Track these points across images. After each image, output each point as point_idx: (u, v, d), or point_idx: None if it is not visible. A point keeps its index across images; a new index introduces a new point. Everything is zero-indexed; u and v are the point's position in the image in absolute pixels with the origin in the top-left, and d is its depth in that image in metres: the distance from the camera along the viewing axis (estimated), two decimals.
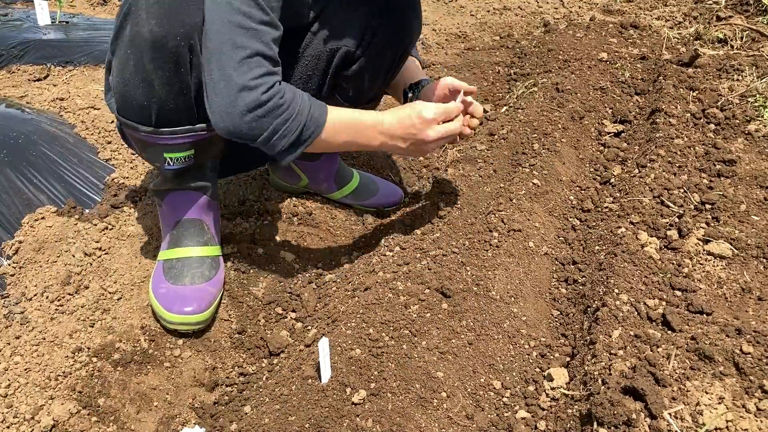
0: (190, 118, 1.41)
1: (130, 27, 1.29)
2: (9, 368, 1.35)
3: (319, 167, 1.88)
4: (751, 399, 1.07)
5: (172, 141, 1.41)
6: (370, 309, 1.38)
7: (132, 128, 1.40)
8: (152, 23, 1.26)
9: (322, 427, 1.13)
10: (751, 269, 1.47)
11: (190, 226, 1.54)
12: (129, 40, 1.30)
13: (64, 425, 1.27)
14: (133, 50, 1.30)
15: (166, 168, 1.46)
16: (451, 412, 1.18)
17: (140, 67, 1.31)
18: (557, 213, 1.81)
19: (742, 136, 2.00)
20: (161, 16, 1.26)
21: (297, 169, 1.90)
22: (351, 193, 1.95)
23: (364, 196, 1.96)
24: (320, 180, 1.91)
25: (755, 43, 2.75)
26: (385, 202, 1.98)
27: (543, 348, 1.38)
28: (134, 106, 1.36)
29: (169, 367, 1.43)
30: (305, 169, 1.90)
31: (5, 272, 1.58)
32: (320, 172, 1.89)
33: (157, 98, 1.34)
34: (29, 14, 3.19)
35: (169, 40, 1.28)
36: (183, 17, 1.28)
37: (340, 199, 1.96)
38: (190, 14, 1.28)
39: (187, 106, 1.38)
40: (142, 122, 1.38)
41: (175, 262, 1.52)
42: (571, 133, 2.15)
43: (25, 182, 1.77)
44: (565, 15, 3.66)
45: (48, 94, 2.31)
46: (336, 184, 1.93)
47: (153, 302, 1.47)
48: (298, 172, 1.91)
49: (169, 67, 1.31)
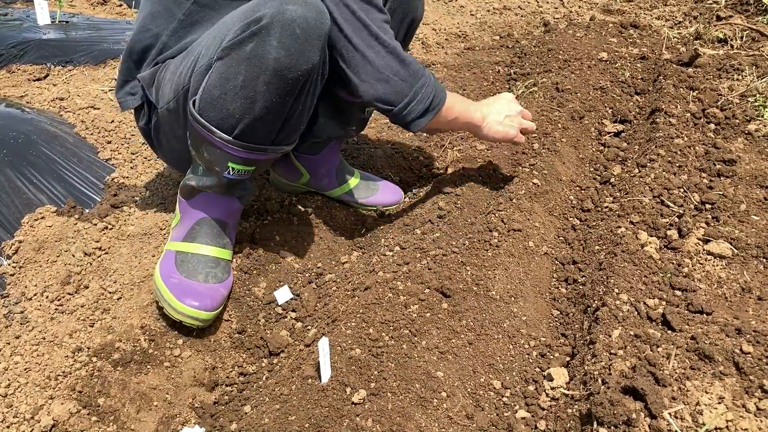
0: (269, 139, 1.46)
1: (254, 46, 1.30)
2: (9, 368, 1.35)
3: (321, 162, 1.90)
4: (751, 399, 1.07)
5: (244, 155, 1.44)
6: (370, 309, 1.38)
7: (207, 130, 1.40)
8: (281, 53, 1.29)
9: (322, 426, 1.13)
10: (751, 269, 1.47)
11: (214, 226, 1.57)
12: (247, 58, 1.31)
13: (64, 425, 1.27)
14: (249, 68, 1.32)
15: (224, 176, 1.48)
16: (451, 412, 1.18)
17: (250, 85, 1.33)
18: (557, 213, 1.81)
19: (742, 136, 2.00)
20: (292, 50, 1.30)
21: (298, 164, 1.92)
22: (351, 191, 1.95)
23: (364, 194, 1.96)
24: (321, 175, 1.92)
25: (755, 42, 2.75)
26: (385, 201, 1.99)
27: (543, 348, 1.38)
28: (222, 113, 1.37)
29: (169, 367, 1.43)
30: (307, 163, 1.91)
31: (5, 272, 1.58)
32: (322, 166, 1.91)
33: (252, 115, 1.37)
34: (29, 14, 3.19)
35: (291, 72, 1.32)
36: (310, 55, 1.33)
37: (339, 197, 1.96)
38: (316, 53, 1.34)
39: (273, 129, 1.43)
40: (221, 128, 1.39)
41: (190, 256, 1.52)
42: (571, 132, 2.15)
43: (25, 182, 1.77)
44: (565, 15, 3.66)
45: (48, 94, 2.31)
46: (337, 180, 1.94)
47: (163, 290, 1.46)
48: (300, 167, 1.92)
49: (280, 94, 1.35)
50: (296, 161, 1.91)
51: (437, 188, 1.91)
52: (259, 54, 1.30)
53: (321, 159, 1.89)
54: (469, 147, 2.17)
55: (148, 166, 2.00)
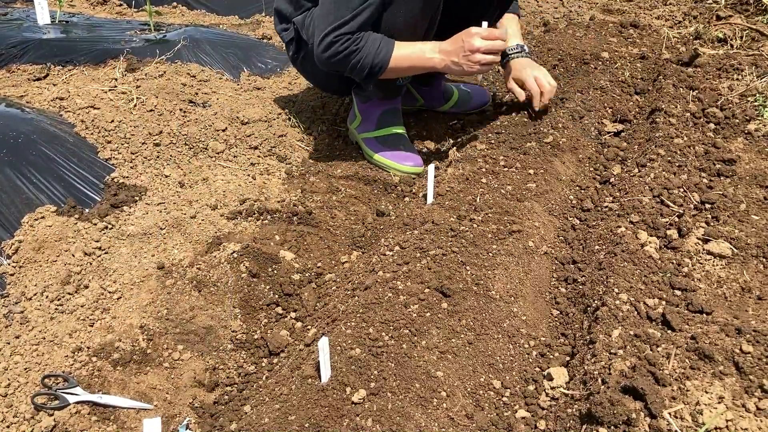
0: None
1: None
2: (9, 368, 1.35)
3: (431, 90, 2.52)
4: (750, 398, 1.07)
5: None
6: (369, 308, 1.38)
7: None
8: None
9: (322, 426, 1.13)
10: (751, 269, 1.47)
11: (394, 113, 2.26)
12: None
13: (64, 425, 1.27)
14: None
15: (398, 84, 2.15)
16: (451, 412, 1.18)
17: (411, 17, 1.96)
18: (557, 212, 1.81)
19: (741, 136, 2.00)
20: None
21: (415, 92, 2.55)
22: (455, 104, 2.55)
23: (465, 104, 2.54)
24: (431, 98, 2.55)
25: (755, 42, 2.75)
26: (480, 102, 2.55)
27: (543, 347, 1.38)
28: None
29: (168, 367, 1.43)
30: (420, 92, 2.55)
31: (5, 272, 1.58)
32: (432, 92, 2.53)
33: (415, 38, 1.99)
34: (29, 13, 3.19)
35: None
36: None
37: (448, 110, 2.56)
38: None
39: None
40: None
41: (387, 137, 2.23)
42: (571, 132, 2.15)
43: (25, 182, 1.77)
44: (564, 14, 3.66)
45: (48, 94, 2.31)
46: (444, 99, 2.54)
47: (386, 161, 2.20)
48: (416, 94, 2.56)
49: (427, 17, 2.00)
50: (414, 90, 2.54)
51: (437, 187, 1.91)
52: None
53: (430, 88, 2.51)
54: (469, 147, 2.17)
55: (148, 166, 2.00)
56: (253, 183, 2.05)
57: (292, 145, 2.33)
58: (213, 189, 1.97)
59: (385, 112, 2.23)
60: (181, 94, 2.37)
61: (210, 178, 2.02)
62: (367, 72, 1.94)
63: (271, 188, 2.04)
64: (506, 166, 1.97)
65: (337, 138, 2.46)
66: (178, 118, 2.21)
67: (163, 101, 2.27)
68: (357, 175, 2.18)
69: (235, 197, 1.95)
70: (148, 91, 2.31)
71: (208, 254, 1.69)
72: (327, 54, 1.90)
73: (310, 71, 2.26)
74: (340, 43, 1.88)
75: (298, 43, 2.17)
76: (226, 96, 2.47)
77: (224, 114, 2.31)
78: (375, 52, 1.91)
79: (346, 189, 2.11)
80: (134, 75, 2.48)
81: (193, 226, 1.79)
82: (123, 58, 2.60)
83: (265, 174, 2.12)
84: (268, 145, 2.26)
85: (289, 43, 2.21)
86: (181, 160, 2.06)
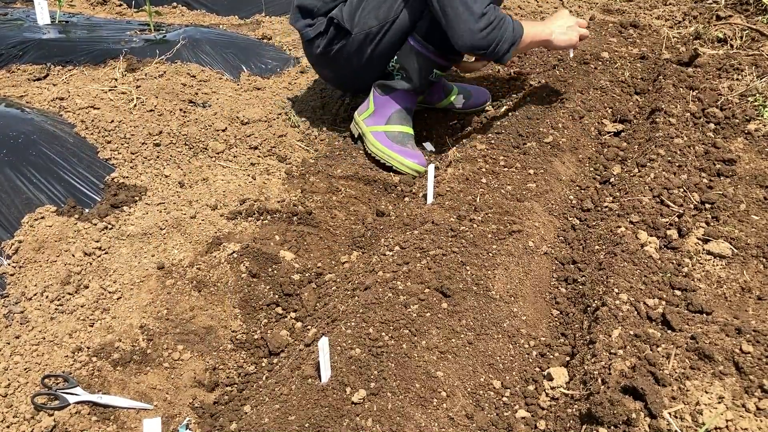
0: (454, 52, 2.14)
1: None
2: (9, 368, 1.35)
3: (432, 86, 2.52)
4: (750, 398, 1.07)
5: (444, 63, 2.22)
6: (369, 308, 1.38)
7: (425, 48, 2.13)
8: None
9: (322, 426, 1.13)
10: (751, 269, 1.47)
11: (408, 113, 2.32)
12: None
13: (64, 425, 1.27)
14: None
15: (430, 79, 2.23)
16: (451, 412, 1.18)
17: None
18: (557, 212, 1.81)
19: (741, 136, 2.00)
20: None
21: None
22: (455, 101, 2.58)
23: (465, 102, 2.57)
24: (431, 93, 2.56)
25: (755, 42, 2.75)
26: (479, 102, 2.58)
27: (543, 347, 1.38)
28: (446, 41, 2.01)
29: (168, 367, 1.43)
30: None
31: (5, 272, 1.58)
32: (432, 87, 2.52)
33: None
34: (29, 13, 3.19)
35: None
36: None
37: (446, 106, 2.59)
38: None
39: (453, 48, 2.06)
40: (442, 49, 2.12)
41: (397, 134, 2.27)
42: (571, 132, 2.15)
43: (25, 182, 1.77)
44: None
45: (48, 94, 2.31)
46: (444, 93, 2.57)
47: (393, 155, 2.23)
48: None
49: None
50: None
51: (437, 187, 1.91)
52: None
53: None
54: (469, 147, 2.17)
55: (148, 166, 2.00)
56: (253, 183, 2.05)
57: (292, 145, 2.34)
58: (213, 189, 1.97)
59: (400, 110, 2.28)
60: (181, 94, 2.37)
61: (210, 178, 2.02)
62: (509, 44, 1.99)
63: (271, 188, 2.04)
64: (506, 166, 1.97)
65: (337, 138, 2.47)
66: (178, 118, 2.21)
67: (163, 101, 2.27)
68: (357, 175, 2.18)
69: (235, 197, 1.95)
70: (148, 91, 2.31)
71: (208, 254, 1.69)
72: (484, 26, 1.93)
73: (343, 63, 2.24)
74: (491, 13, 1.94)
75: (331, 36, 2.16)
76: (226, 96, 2.47)
77: (224, 114, 2.31)
78: (513, 24, 2.00)
79: (346, 189, 2.11)
80: (134, 75, 2.48)
81: (193, 226, 1.79)
82: (123, 58, 2.60)
83: (265, 174, 2.12)
84: (268, 145, 2.26)
85: (315, 38, 2.20)
86: (181, 160, 2.06)
